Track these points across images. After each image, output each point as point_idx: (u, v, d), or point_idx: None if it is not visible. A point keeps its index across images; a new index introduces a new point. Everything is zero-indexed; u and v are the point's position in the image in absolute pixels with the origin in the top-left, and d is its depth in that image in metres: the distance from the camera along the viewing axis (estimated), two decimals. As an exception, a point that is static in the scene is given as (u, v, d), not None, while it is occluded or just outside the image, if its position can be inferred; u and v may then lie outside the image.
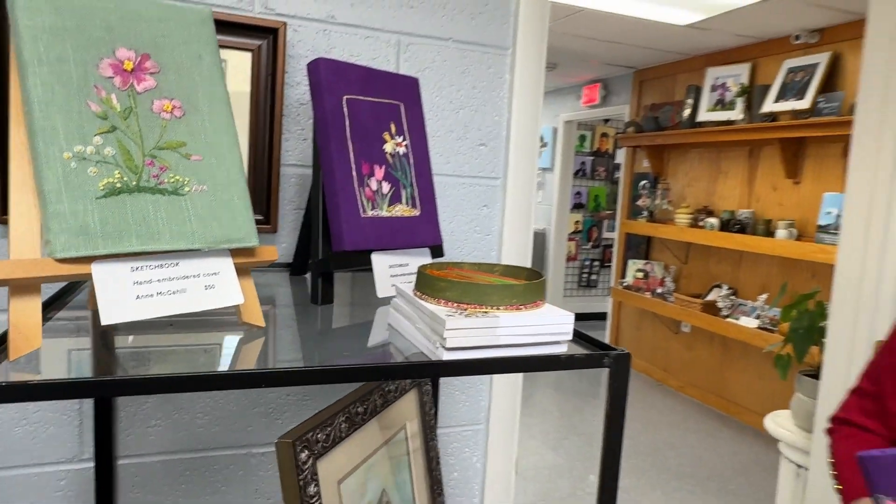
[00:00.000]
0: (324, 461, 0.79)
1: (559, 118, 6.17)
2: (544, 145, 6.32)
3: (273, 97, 0.98)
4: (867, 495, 0.69)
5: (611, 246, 6.13)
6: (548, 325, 0.60)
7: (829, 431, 0.84)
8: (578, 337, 0.65)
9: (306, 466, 0.75)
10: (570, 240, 6.45)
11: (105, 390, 0.53)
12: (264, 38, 0.96)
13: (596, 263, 6.64)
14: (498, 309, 0.59)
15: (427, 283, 0.62)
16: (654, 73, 4.94)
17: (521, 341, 0.59)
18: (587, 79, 5.60)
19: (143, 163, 0.57)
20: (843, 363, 1.66)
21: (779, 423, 2.04)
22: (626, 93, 5.27)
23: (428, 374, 0.56)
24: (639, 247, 5.09)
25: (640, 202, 4.95)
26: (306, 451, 0.75)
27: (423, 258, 0.91)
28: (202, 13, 0.65)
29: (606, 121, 6.32)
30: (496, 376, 1.22)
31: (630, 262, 5.02)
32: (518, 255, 1.21)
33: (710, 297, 4.29)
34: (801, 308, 1.95)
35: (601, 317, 6.06)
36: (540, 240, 6.40)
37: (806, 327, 1.88)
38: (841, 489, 0.75)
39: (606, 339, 5.60)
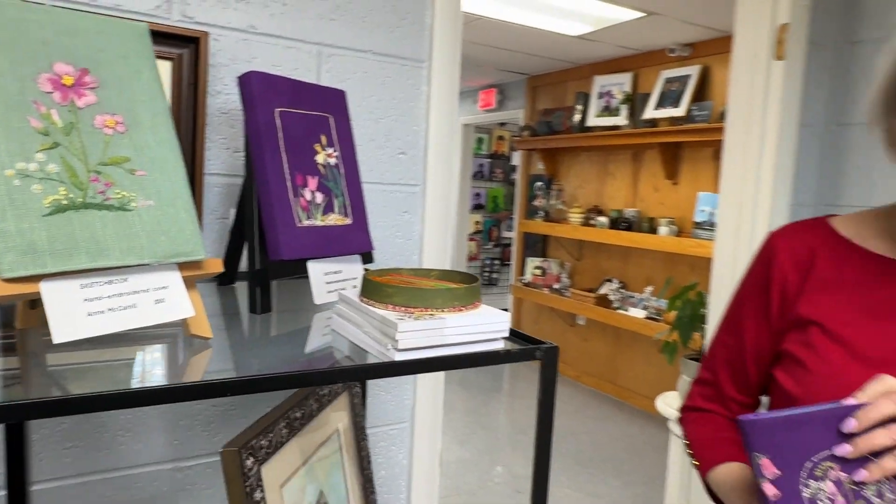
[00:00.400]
0: (267, 467, 0.80)
1: (458, 122, 6.33)
2: (443, 148, 6.46)
3: (195, 106, 0.97)
4: (720, 462, 0.79)
5: (510, 245, 6.37)
6: (488, 324, 0.66)
7: (680, 420, 0.94)
8: (511, 334, 0.72)
9: (252, 473, 0.76)
10: (471, 240, 6.64)
11: (15, 414, 0.50)
12: (185, 47, 0.95)
13: (496, 262, 6.87)
14: (443, 311, 0.65)
15: (374, 290, 0.66)
16: (547, 80, 5.19)
17: (465, 339, 0.65)
18: (484, 83, 5.79)
19: (88, 179, 0.57)
20: (722, 346, 1.87)
21: (668, 403, 2.25)
22: (521, 98, 5.50)
23: (384, 375, 0.60)
24: (536, 245, 5.33)
25: (536, 202, 5.19)
26: (251, 458, 0.76)
27: (355, 265, 0.94)
28: (139, 28, 0.65)
29: (502, 124, 6.56)
30: (420, 374, 1.27)
31: (528, 259, 5.25)
32: (438, 258, 1.27)
33: (602, 291, 4.58)
34: (684, 298, 2.17)
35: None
36: (441, 240, 6.53)
37: (689, 315, 2.09)
38: (697, 465, 0.84)
39: (508, 335, 5.82)
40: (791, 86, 1.74)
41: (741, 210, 1.82)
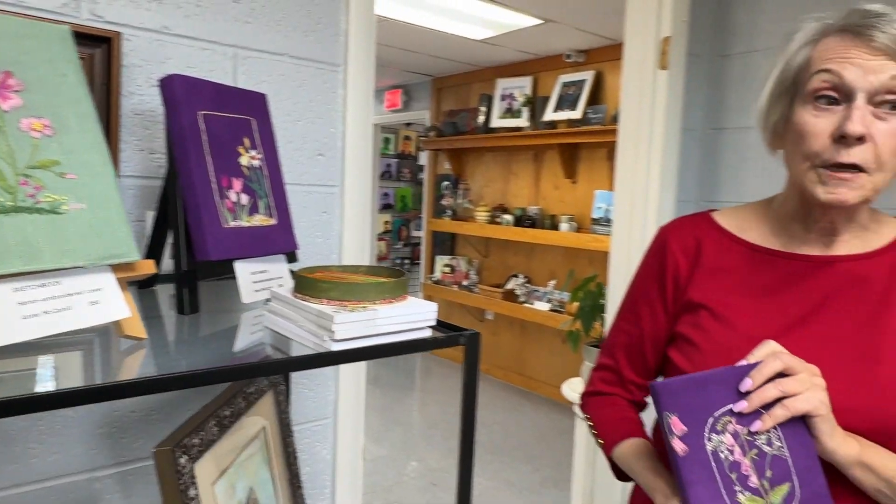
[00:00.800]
0: (199, 465, 0.82)
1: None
2: (350, 147, 6.44)
3: (109, 108, 0.95)
4: (623, 439, 0.86)
5: (419, 244, 6.44)
6: (416, 314, 0.71)
7: (583, 406, 1.00)
8: (437, 324, 0.78)
9: (185, 471, 0.77)
10: (380, 239, 6.65)
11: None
12: (97, 47, 0.94)
13: (407, 261, 6.93)
14: (375, 303, 0.69)
15: (309, 286, 0.70)
16: (452, 82, 5.31)
17: (395, 329, 0.70)
18: (389, 84, 5.82)
19: (17, 182, 0.57)
20: (620, 332, 2.03)
21: (572, 388, 2.41)
22: (427, 99, 5.59)
23: (322, 364, 0.64)
24: (445, 243, 5.44)
25: (443, 202, 5.29)
26: (185, 457, 0.77)
27: (279, 264, 0.97)
28: (62, 30, 0.65)
29: (409, 124, 6.62)
30: (342, 372, 1.31)
31: (437, 258, 5.35)
32: (357, 256, 1.31)
33: (508, 286, 4.76)
34: (585, 290, 2.32)
35: (412, 312, 6.33)
36: (350, 241, 6.51)
37: (590, 306, 2.24)
38: (602, 444, 0.90)
39: (419, 333, 5.89)
40: (674, 93, 1.92)
41: (633, 206, 1.99)
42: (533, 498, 3.20)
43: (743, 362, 0.69)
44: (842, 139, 0.71)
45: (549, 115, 4.25)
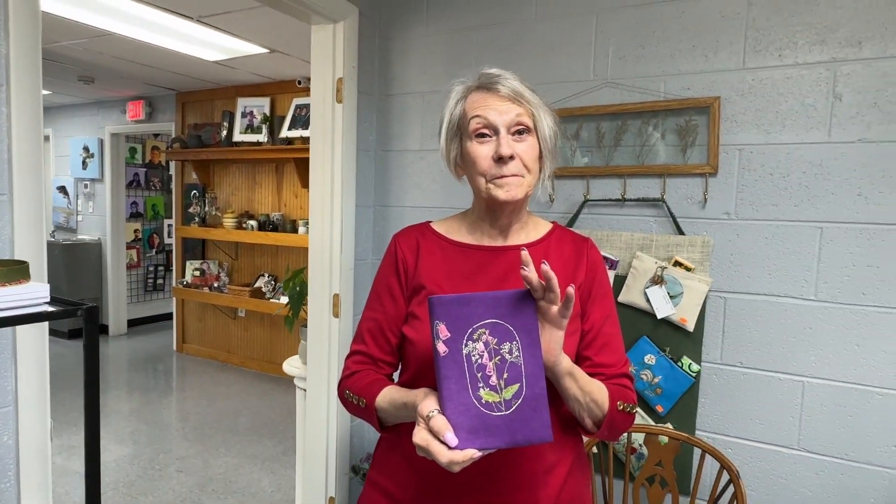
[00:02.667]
0: None
1: (105, 130, 5.71)
2: (91, 156, 5.75)
3: None
4: (380, 392, 0.93)
5: (172, 251, 6.03)
6: (27, 294, 0.81)
7: (340, 391, 1.04)
8: (60, 302, 0.88)
9: None
10: (131, 248, 6.06)
11: None
12: None
13: (161, 268, 6.42)
14: (-14, 286, 0.77)
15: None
16: (195, 97, 5.10)
17: (10, 306, 0.79)
18: (131, 94, 5.36)
19: None
20: (324, 314, 2.25)
21: (291, 364, 2.58)
22: (171, 111, 5.27)
23: None
24: (195, 249, 5.20)
25: (192, 209, 5.06)
26: None
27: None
28: None
29: (157, 135, 6.14)
30: (21, 357, 1.29)
31: (188, 262, 5.10)
32: (33, 258, 1.30)
33: (257, 285, 4.76)
34: (297, 280, 2.51)
35: (170, 316, 5.94)
36: (96, 250, 5.82)
37: (298, 293, 2.43)
38: (365, 402, 0.95)
39: (174, 335, 5.54)
40: (348, 121, 2.20)
41: (323, 210, 2.22)
42: (273, 466, 3.30)
43: (498, 291, 0.78)
44: (500, 159, 0.93)
45: (286, 132, 4.37)
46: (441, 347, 0.74)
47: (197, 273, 4.98)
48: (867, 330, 1.57)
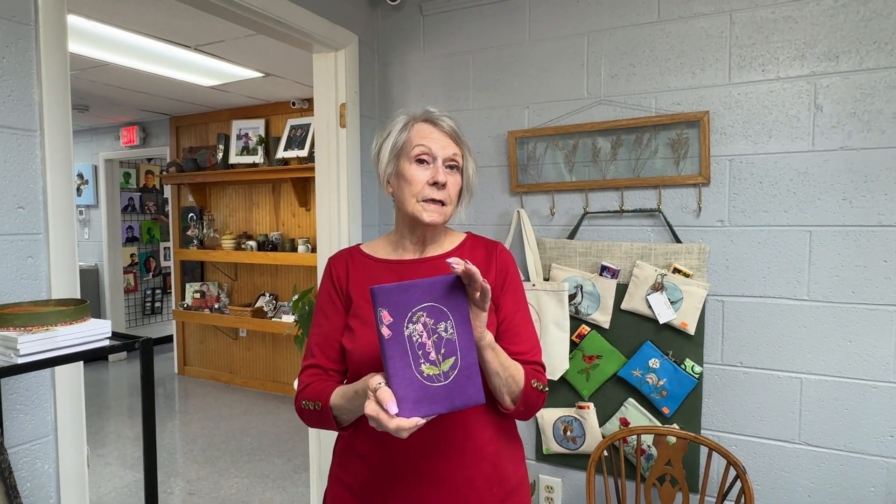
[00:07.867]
0: None
1: (99, 156, 5.76)
2: (85, 183, 5.80)
3: None
4: (332, 391, 1.01)
5: (170, 273, 6.07)
6: (92, 331, 0.88)
7: (297, 405, 1.11)
8: (119, 337, 0.95)
9: None
10: (128, 272, 6.10)
11: None
12: None
13: (158, 291, 6.45)
14: (56, 326, 0.85)
15: (-5, 319, 0.82)
16: (189, 121, 5.17)
17: (75, 343, 0.86)
18: (124, 121, 5.42)
19: None
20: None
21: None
22: (165, 136, 5.34)
23: (14, 373, 0.76)
24: (194, 271, 5.25)
25: (189, 232, 5.12)
26: None
27: (-24, 305, 1.03)
28: None
29: (151, 159, 6.20)
30: (59, 390, 1.36)
31: (187, 285, 5.14)
32: (69, 294, 1.37)
33: (258, 305, 4.81)
34: (305, 300, 2.58)
35: (170, 339, 5.96)
36: (93, 276, 5.85)
37: (308, 312, 2.51)
38: (321, 405, 1.03)
39: (174, 358, 5.57)
40: (352, 145, 2.29)
41: (331, 229, 2.30)
42: (285, 484, 3.35)
43: (439, 277, 0.85)
44: (435, 184, 1.07)
45: (281, 153, 4.44)
46: (385, 332, 0.80)
47: (197, 295, 5.02)
48: (858, 326, 1.68)
